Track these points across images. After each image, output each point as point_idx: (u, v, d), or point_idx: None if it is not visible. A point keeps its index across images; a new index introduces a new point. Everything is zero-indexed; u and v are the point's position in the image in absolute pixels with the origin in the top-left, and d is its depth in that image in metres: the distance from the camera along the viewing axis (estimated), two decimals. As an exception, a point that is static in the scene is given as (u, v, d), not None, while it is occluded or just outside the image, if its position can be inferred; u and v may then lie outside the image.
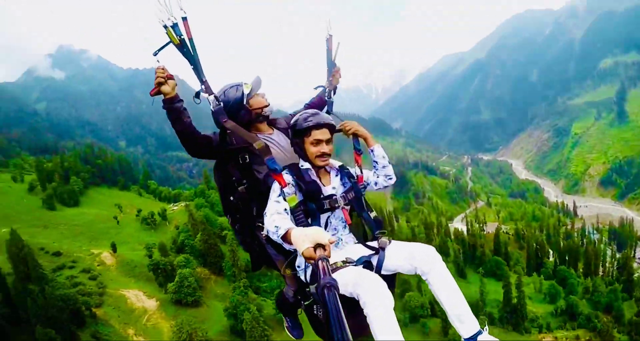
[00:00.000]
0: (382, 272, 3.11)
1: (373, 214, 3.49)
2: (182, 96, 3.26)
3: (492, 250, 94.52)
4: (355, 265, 3.04)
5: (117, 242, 70.90)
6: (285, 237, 2.65)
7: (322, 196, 3.30)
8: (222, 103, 3.38)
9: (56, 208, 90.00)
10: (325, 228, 3.33)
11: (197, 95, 3.38)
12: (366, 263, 3.11)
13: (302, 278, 3.22)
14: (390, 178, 3.76)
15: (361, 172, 3.64)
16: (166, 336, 46.96)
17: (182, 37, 3.02)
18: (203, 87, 3.35)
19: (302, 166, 3.37)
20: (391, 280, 3.22)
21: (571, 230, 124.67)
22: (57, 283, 52.30)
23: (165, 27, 2.96)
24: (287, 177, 3.22)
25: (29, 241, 57.02)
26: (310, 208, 3.24)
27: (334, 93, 4.19)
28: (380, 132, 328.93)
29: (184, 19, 3.00)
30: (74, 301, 49.05)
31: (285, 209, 3.02)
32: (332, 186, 3.44)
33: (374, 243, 3.29)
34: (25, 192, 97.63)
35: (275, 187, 3.20)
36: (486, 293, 69.46)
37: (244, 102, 3.54)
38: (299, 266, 3.25)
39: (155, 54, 3.05)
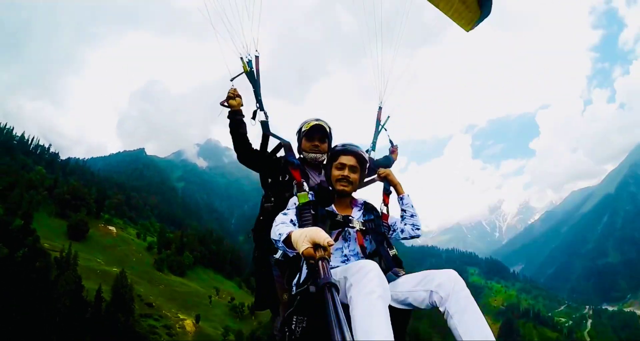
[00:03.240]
0: (392, 304, 2.66)
1: (393, 252, 3.41)
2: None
3: None
4: None
5: (202, 317, 79.53)
6: (288, 242, 2.68)
7: (336, 215, 3.40)
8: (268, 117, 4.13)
9: (164, 271, 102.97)
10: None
11: (254, 115, 4.11)
12: None
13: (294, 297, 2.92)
14: (418, 228, 3.85)
15: (387, 212, 3.88)
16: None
17: (252, 68, 4.19)
18: (258, 104, 4.14)
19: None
20: (402, 319, 2.98)
21: None
22: (140, 325, 60.65)
23: (242, 59, 4.16)
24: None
25: (132, 285, 66.76)
26: (320, 213, 3.27)
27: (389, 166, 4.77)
28: (496, 275, 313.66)
29: (257, 56, 4.23)
30: (146, 341, 56.91)
31: (292, 220, 3.14)
32: (351, 216, 3.54)
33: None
34: (143, 249, 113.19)
35: (290, 203, 3.45)
36: None
37: (299, 137, 4.15)
38: (294, 285, 3.07)
39: (231, 80, 4.12)
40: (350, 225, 3.38)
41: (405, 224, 3.82)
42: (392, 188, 4.03)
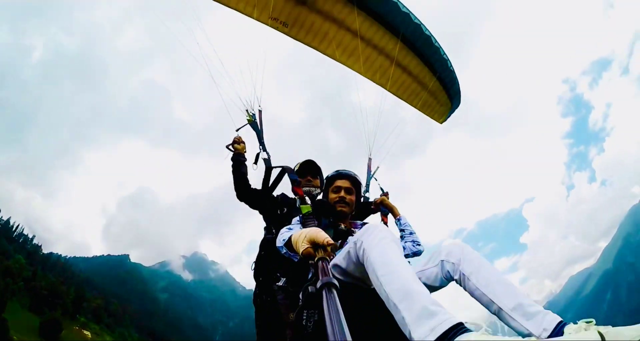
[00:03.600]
0: None
1: None
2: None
3: None
4: None
5: None
6: (290, 246, 2.74)
7: (339, 225, 3.56)
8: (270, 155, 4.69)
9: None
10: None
11: (256, 159, 4.63)
12: None
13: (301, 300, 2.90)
14: (419, 244, 3.95)
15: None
16: None
17: (255, 120, 4.92)
18: (261, 147, 4.70)
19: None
20: None
21: None
22: None
23: (247, 111, 4.94)
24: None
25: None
26: (323, 223, 3.42)
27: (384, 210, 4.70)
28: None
29: (260, 111, 5.03)
30: None
31: None
32: (352, 229, 3.69)
33: None
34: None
35: (293, 221, 3.49)
36: None
37: (292, 174, 4.26)
38: (301, 295, 2.88)
39: (237, 130, 4.85)
40: (353, 234, 3.40)
41: (405, 242, 3.99)
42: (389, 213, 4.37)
